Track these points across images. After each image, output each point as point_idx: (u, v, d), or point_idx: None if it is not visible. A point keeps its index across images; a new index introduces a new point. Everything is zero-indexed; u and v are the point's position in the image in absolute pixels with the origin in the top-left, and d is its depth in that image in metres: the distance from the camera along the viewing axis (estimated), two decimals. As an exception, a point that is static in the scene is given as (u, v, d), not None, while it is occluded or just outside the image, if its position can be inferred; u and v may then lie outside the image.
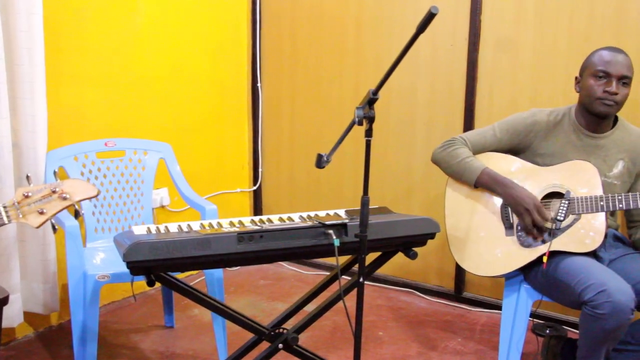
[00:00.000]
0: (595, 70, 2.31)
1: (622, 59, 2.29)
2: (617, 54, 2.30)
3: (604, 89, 2.28)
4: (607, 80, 2.28)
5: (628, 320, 2.04)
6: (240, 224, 2.14)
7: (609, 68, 2.28)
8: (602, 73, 2.29)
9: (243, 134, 4.09)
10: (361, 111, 1.79)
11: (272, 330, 2.23)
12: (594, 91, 2.30)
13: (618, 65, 2.27)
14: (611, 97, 2.27)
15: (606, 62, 2.29)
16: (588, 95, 2.33)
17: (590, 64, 2.34)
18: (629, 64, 2.30)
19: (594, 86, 2.30)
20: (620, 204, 2.23)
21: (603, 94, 2.28)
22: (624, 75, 2.27)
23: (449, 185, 2.54)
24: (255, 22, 3.94)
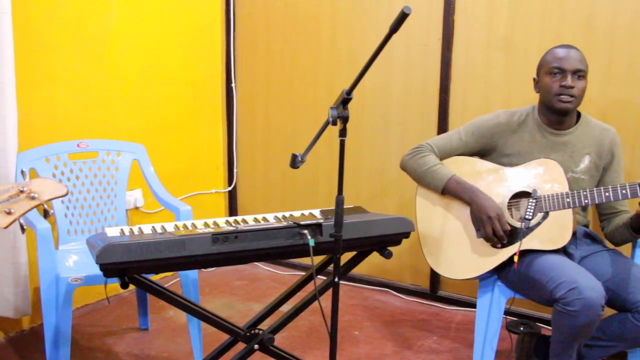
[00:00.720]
0: (550, 68, 2.35)
1: (574, 53, 2.34)
2: (569, 49, 2.35)
3: (560, 85, 2.32)
4: (562, 76, 2.32)
5: (599, 317, 2.07)
6: (215, 225, 2.13)
7: (563, 64, 2.32)
8: (556, 69, 2.33)
9: (217, 135, 4.07)
10: (335, 111, 1.80)
11: (248, 331, 2.23)
12: (551, 88, 2.34)
13: (571, 60, 2.32)
14: (568, 92, 2.31)
15: (559, 59, 2.33)
16: (546, 93, 2.36)
17: (545, 63, 2.39)
18: (582, 57, 2.35)
19: (550, 83, 2.34)
20: (586, 200, 2.26)
21: (560, 89, 2.32)
22: (578, 69, 2.32)
23: (419, 193, 2.56)
24: (229, 22, 3.93)
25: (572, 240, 2.37)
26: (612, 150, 2.46)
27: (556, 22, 2.97)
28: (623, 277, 2.24)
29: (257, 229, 1.99)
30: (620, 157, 2.49)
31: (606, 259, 2.37)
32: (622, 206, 2.48)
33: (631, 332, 2.17)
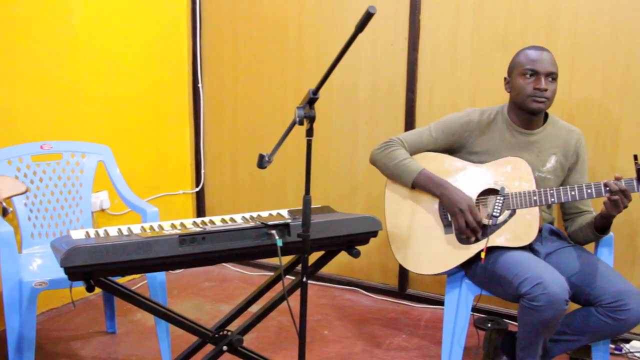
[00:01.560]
0: (523, 70, 2.38)
1: (547, 56, 2.37)
2: (542, 52, 2.39)
3: (533, 87, 2.35)
4: (535, 78, 2.36)
5: (563, 311, 2.10)
6: (182, 226, 2.11)
7: (536, 66, 2.35)
8: (530, 71, 2.36)
9: (184, 135, 4.04)
10: (302, 111, 1.79)
11: (216, 333, 2.21)
12: (524, 89, 2.37)
13: (544, 63, 2.35)
14: (541, 94, 2.34)
15: (533, 61, 2.36)
16: (519, 93, 2.39)
17: (518, 64, 2.42)
18: (554, 60, 2.39)
19: (523, 85, 2.37)
20: (552, 198, 2.30)
21: (533, 92, 2.35)
22: (550, 72, 2.36)
23: (388, 187, 2.57)
24: (195, 22, 3.90)
25: (538, 237, 2.41)
26: (578, 151, 2.51)
27: (520, 23, 3.01)
28: (587, 273, 2.28)
29: (224, 229, 1.98)
30: (585, 158, 2.53)
31: (571, 255, 2.41)
32: (586, 206, 2.53)
33: (595, 325, 2.21)
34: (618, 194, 2.16)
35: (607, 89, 2.87)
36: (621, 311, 2.14)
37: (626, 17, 2.79)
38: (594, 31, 2.86)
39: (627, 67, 2.82)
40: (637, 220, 2.88)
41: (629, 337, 2.94)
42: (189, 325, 2.16)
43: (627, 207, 2.19)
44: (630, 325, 2.15)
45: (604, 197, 2.21)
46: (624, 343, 2.93)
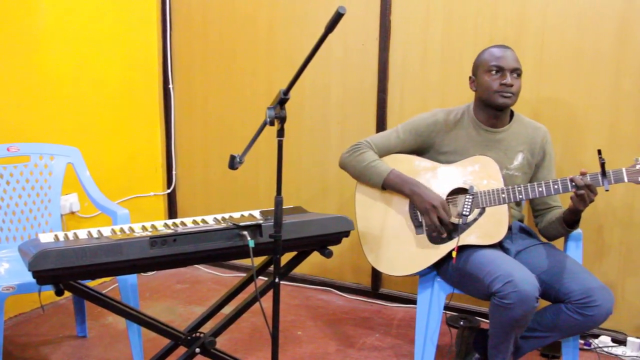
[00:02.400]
0: (489, 67, 2.41)
1: (510, 53, 2.41)
2: (506, 49, 2.42)
3: (499, 83, 2.38)
4: (501, 74, 2.39)
5: (533, 308, 2.13)
6: (153, 228, 2.10)
7: (502, 62, 2.38)
8: (495, 68, 2.39)
9: (155, 136, 4.01)
10: (272, 111, 1.79)
11: (189, 335, 2.20)
12: (491, 86, 2.40)
13: (509, 59, 2.39)
14: (508, 89, 2.37)
15: (498, 58, 2.40)
16: (486, 90, 2.42)
17: (483, 62, 2.44)
18: (517, 57, 2.43)
19: (490, 81, 2.40)
20: (520, 195, 2.32)
21: (500, 87, 2.38)
22: (515, 68, 2.39)
23: (358, 190, 2.57)
24: (165, 22, 3.87)
25: (508, 234, 2.43)
26: (544, 148, 2.54)
27: (489, 23, 3.04)
28: (556, 270, 2.31)
29: (195, 231, 1.97)
30: (551, 155, 2.57)
31: (540, 253, 2.44)
32: (555, 202, 2.56)
33: (564, 322, 2.24)
34: (584, 189, 2.19)
35: (574, 87, 2.91)
36: (590, 307, 2.17)
37: (592, 17, 2.84)
38: (562, 31, 2.90)
39: (592, 65, 2.87)
40: (603, 214, 2.93)
41: (597, 333, 2.99)
42: (161, 328, 2.14)
43: (594, 201, 2.22)
44: (598, 321, 2.19)
45: (571, 192, 2.24)
46: (593, 338, 2.97)
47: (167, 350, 2.29)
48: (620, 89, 2.83)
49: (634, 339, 2.90)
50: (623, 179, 2.20)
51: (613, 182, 2.20)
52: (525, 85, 2.85)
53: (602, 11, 2.82)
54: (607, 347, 2.94)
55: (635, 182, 2.19)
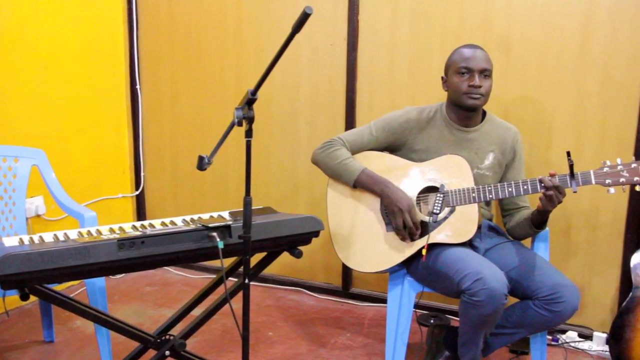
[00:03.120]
0: (458, 68, 2.43)
1: (480, 53, 2.43)
2: (475, 49, 2.44)
3: (468, 84, 2.40)
4: (470, 76, 2.41)
5: (502, 306, 2.15)
6: (121, 230, 2.08)
7: (470, 64, 2.40)
8: (464, 69, 2.41)
9: (123, 138, 3.96)
10: (240, 112, 1.78)
11: (158, 338, 2.18)
12: (459, 87, 2.42)
13: (478, 60, 2.41)
14: (476, 90, 2.40)
15: (466, 59, 2.42)
16: (455, 91, 2.44)
17: (453, 63, 2.46)
18: (487, 57, 2.44)
19: (459, 83, 2.42)
20: (490, 195, 2.35)
21: (468, 89, 2.40)
22: (484, 69, 2.41)
23: (330, 187, 2.58)
24: (132, 23, 3.83)
25: (477, 233, 2.45)
26: (514, 148, 2.57)
27: (456, 23, 3.06)
28: (524, 267, 2.34)
29: (164, 233, 1.95)
30: (521, 155, 2.60)
31: (509, 250, 2.47)
32: (524, 202, 2.59)
33: (532, 318, 2.27)
34: (552, 190, 2.22)
35: (541, 87, 2.95)
36: (557, 303, 2.20)
37: (557, 16, 2.88)
38: (527, 30, 2.94)
39: (558, 65, 2.91)
40: (571, 215, 2.97)
41: (565, 328, 3.03)
42: (130, 331, 2.12)
43: (562, 202, 2.25)
44: (565, 316, 2.22)
45: (540, 192, 2.27)
46: (561, 334, 3.02)
47: (136, 353, 2.27)
48: (584, 89, 2.87)
49: (600, 334, 2.95)
50: (591, 181, 2.23)
51: (581, 184, 2.23)
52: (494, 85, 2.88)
53: (566, 11, 2.86)
54: (574, 342, 2.98)
55: (602, 184, 2.23)
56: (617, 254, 2.93)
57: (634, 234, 2.87)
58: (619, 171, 2.22)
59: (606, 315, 2.99)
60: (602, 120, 2.86)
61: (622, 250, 2.91)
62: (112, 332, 2.23)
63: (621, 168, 2.22)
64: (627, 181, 2.22)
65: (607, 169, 2.23)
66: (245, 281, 1.89)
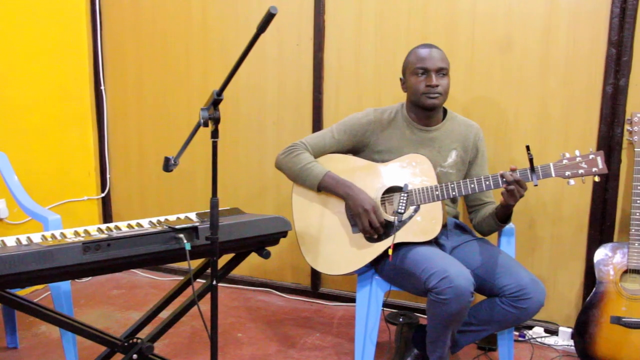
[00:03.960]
0: (414, 69, 2.45)
1: (435, 53, 2.45)
2: (431, 49, 2.46)
3: (425, 84, 2.42)
4: (426, 76, 2.43)
5: (469, 303, 2.17)
6: (86, 233, 2.05)
7: (426, 64, 2.42)
8: (420, 70, 2.43)
9: (88, 139, 3.91)
10: (206, 112, 1.77)
11: (126, 341, 2.16)
12: (417, 88, 2.44)
13: (433, 60, 2.43)
14: (434, 90, 2.42)
15: (422, 59, 2.44)
16: (414, 92, 2.46)
17: (409, 64, 2.49)
18: (443, 56, 2.46)
19: (416, 83, 2.44)
20: (453, 192, 2.37)
21: (426, 89, 2.42)
22: (440, 68, 2.43)
23: (295, 191, 2.58)
24: (96, 22, 3.78)
25: (443, 231, 2.47)
26: (477, 145, 2.60)
27: (421, 22, 3.08)
28: (490, 265, 2.36)
29: (130, 235, 1.93)
30: (484, 151, 2.63)
31: (475, 248, 2.49)
32: (488, 198, 2.62)
33: (499, 315, 2.29)
34: (513, 184, 2.24)
35: (504, 86, 2.99)
36: (523, 300, 2.23)
37: (520, 15, 2.91)
38: (491, 30, 2.97)
39: (521, 64, 2.94)
40: (534, 209, 3.01)
41: (531, 324, 3.08)
42: (96, 335, 2.09)
43: (524, 196, 2.28)
44: (531, 313, 2.25)
45: (502, 187, 2.29)
46: (527, 330, 3.06)
47: (103, 358, 2.25)
48: (546, 86, 2.92)
49: (565, 329, 3.00)
50: (551, 174, 2.27)
51: (541, 177, 2.27)
52: (457, 84, 2.91)
53: (528, 11, 2.90)
54: (541, 338, 3.02)
55: (562, 176, 2.26)
56: (580, 249, 2.98)
57: (597, 229, 2.92)
58: (577, 163, 2.26)
59: (571, 310, 3.04)
60: (565, 117, 2.91)
61: (585, 246, 2.96)
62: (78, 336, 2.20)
63: (580, 159, 2.26)
64: (586, 172, 2.25)
65: (566, 161, 2.26)
66: (213, 283, 1.88)
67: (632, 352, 2.56)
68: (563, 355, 2.90)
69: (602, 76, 2.82)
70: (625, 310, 2.57)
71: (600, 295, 2.63)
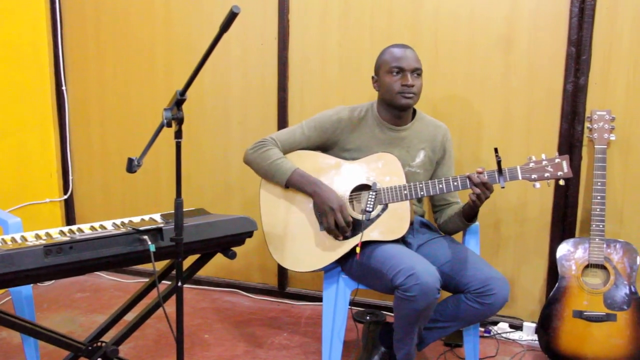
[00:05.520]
0: (390, 68, 2.45)
1: (410, 53, 2.46)
2: (406, 49, 2.47)
3: (401, 84, 2.43)
4: (402, 75, 2.44)
5: (435, 300, 2.19)
6: (48, 236, 2.01)
7: (402, 63, 2.43)
8: (396, 69, 2.44)
9: (49, 140, 3.84)
10: (169, 113, 1.75)
11: (90, 345, 2.13)
12: (392, 87, 2.44)
13: (409, 60, 2.44)
14: (409, 90, 2.43)
15: (398, 59, 2.45)
16: (388, 91, 2.46)
17: (384, 63, 2.49)
18: (417, 57, 2.48)
19: (391, 82, 2.45)
20: (422, 192, 2.38)
21: (401, 88, 2.43)
22: (416, 68, 2.45)
23: (262, 187, 2.57)
24: (56, 21, 3.72)
25: (410, 229, 2.49)
26: (444, 146, 2.62)
27: (386, 22, 3.10)
28: (456, 262, 2.39)
29: (93, 237, 1.90)
30: (451, 152, 2.65)
31: (441, 246, 2.52)
32: (454, 198, 2.65)
33: (465, 311, 2.32)
34: (480, 186, 2.27)
35: (468, 86, 3.02)
36: (488, 296, 2.26)
37: (482, 16, 2.94)
38: (454, 30, 3.00)
39: (485, 64, 2.98)
40: (500, 209, 3.05)
41: (496, 320, 3.12)
42: (59, 340, 2.06)
43: (489, 197, 2.31)
44: (496, 308, 2.28)
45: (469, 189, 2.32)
46: (492, 325, 3.09)
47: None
48: (509, 86, 2.96)
49: (529, 324, 3.04)
50: (518, 177, 2.30)
51: (508, 179, 2.30)
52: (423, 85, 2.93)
53: (490, 12, 2.93)
54: (506, 333, 3.06)
55: (528, 179, 2.29)
56: (544, 246, 3.02)
57: (559, 226, 2.97)
58: (543, 166, 2.29)
59: (535, 305, 3.08)
60: (528, 115, 2.95)
61: (548, 243, 3.01)
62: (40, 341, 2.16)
63: (546, 163, 2.29)
64: (552, 176, 2.29)
65: (532, 164, 2.30)
66: (178, 284, 1.87)
67: (593, 344, 2.61)
68: (527, 349, 2.94)
69: (563, 75, 2.87)
70: (587, 304, 2.62)
71: (563, 290, 2.67)
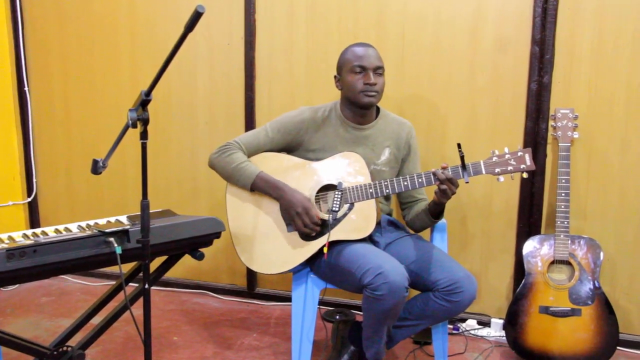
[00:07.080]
0: (352, 67, 2.46)
1: (372, 52, 2.47)
2: (367, 48, 2.48)
3: (363, 82, 2.44)
4: (364, 74, 2.45)
5: (403, 298, 2.20)
6: (11, 240, 1.98)
7: (364, 62, 2.44)
8: (358, 68, 2.45)
9: (12, 142, 3.77)
10: (134, 113, 1.73)
11: (55, 350, 2.10)
12: (355, 85, 2.45)
13: (371, 58, 2.45)
14: (371, 88, 2.44)
15: (360, 57, 2.45)
16: (351, 90, 2.47)
17: (346, 62, 2.50)
18: (379, 55, 2.49)
19: (353, 81, 2.45)
20: (387, 189, 2.39)
21: (364, 87, 2.44)
22: (377, 66, 2.46)
23: (228, 190, 2.55)
24: (17, 22, 3.65)
25: (377, 228, 2.50)
26: (409, 143, 2.63)
27: (352, 22, 3.11)
28: (424, 260, 2.40)
29: (58, 240, 1.87)
30: (416, 149, 2.67)
31: (409, 244, 2.53)
32: (420, 195, 2.66)
33: (433, 309, 2.33)
34: (445, 182, 2.29)
35: (433, 84, 3.04)
36: (456, 294, 2.27)
37: (448, 16, 2.97)
38: (420, 30, 3.02)
39: (449, 63, 3.00)
40: (466, 205, 3.08)
41: (464, 317, 3.15)
42: (22, 345, 2.02)
43: (456, 193, 2.33)
44: (464, 306, 2.30)
45: (435, 185, 2.33)
46: (461, 322, 3.12)
47: (31, 368, 2.18)
48: (474, 85, 2.99)
49: (497, 320, 3.08)
50: (481, 171, 2.32)
51: (472, 174, 2.31)
52: (389, 82, 2.94)
53: (456, 12, 2.96)
54: (474, 330, 3.09)
55: (492, 173, 2.32)
56: (510, 242, 3.06)
57: (525, 223, 3.01)
58: (506, 160, 2.32)
59: (502, 302, 3.12)
60: (493, 114, 2.98)
61: (515, 239, 3.04)
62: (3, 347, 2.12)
63: (509, 157, 2.32)
64: (515, 169, 2.32)
65: (495, 158, 2.32)
66: (146, 286, 1.85)
67: (559, 340, 2.65)
68: (495, 345, 2.97)
69: (527, 74, 2.90)
70: (553, 300, 2.66)
71: (529, 286, 2.71)
